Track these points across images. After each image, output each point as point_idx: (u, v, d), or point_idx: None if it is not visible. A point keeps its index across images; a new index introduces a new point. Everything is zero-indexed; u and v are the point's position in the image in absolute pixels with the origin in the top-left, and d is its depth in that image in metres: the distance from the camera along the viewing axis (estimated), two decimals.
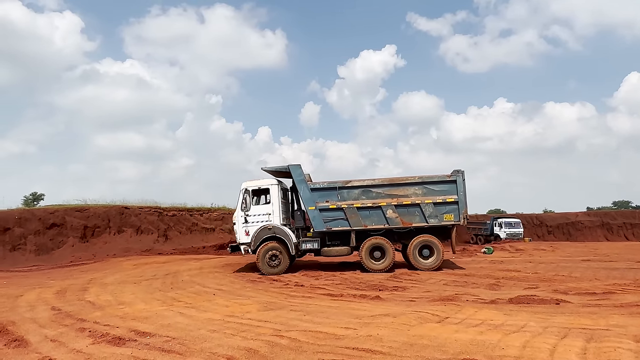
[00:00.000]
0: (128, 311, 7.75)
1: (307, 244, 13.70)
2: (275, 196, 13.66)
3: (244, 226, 13.50)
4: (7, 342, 5.82)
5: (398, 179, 13.60)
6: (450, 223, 13.32)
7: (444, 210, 13.23)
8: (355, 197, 13.38)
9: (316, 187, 13.45)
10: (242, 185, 13.77)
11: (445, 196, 13.21)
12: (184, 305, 8.26)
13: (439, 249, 13.36)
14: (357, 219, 13.30)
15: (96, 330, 6.27)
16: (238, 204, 13.64)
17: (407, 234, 13.60)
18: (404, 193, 13.37)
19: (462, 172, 13.29)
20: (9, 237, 18.66)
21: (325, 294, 9.53)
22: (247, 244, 13.44)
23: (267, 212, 13.60)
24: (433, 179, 13.37)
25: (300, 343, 5.35)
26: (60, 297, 9.33)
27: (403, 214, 13.28)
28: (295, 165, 13.65)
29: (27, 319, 7.21)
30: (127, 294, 9.82)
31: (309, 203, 13.40)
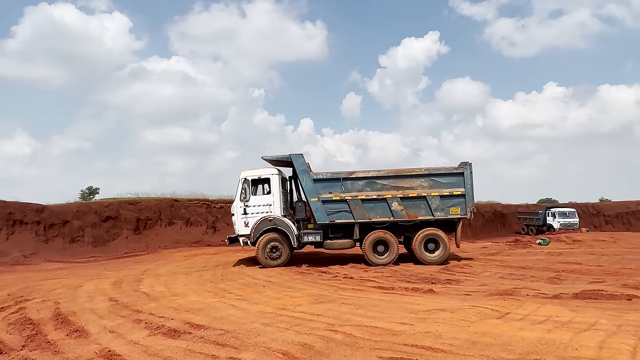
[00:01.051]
0: (181, 303, 7.84)
1: (308, 236, 13.30)
2: (276, 186, 13.24)
3: (243, 217, 13.07)
4: (69, 333, 5.98)
5: (404, 170, 13.23)
6: (457, 217, 12.99)
7: (451, 204, 12.89)
8: (360, 188, 12.99)
9: (319, 178, 13.02)
10: (241, 174, 13.32)
11: (452, 189, 12.89)
12: (235, 297, 8.29)
13: (444, 242, 12.99)
14: (362, 211, 12.92)
15: (152, 322, 6.35)
16: (237, 194, 13.22)
17: (412, 227, 13.24)
18: (410, 185, 13.00)
19: (469, 164, 12.99)
20: (68, 229, 19.55)
21: (376, 287, 9.32)
22: (247, 235, 13.02)
23: (267, 202, 13.16)
24: (440, 171, 13.09)
25: (356, 339, 5.19)
26: (116, 288, 9.61)
27: (409, 206, 12.91)
28: (297, 155, 13.21)
29: (87, 309, 7.43)
30: (180, 285, 9.99)
31: (311, 194, 12.98)
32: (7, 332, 6.10)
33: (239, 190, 13.12)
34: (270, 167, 13.62)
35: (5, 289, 9.72)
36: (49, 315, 6.95)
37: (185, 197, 24.29)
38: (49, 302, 8.02)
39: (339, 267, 12.49)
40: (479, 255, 15.55)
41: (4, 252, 16.70)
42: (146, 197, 23.54)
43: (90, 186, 36.83)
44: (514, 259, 14.35)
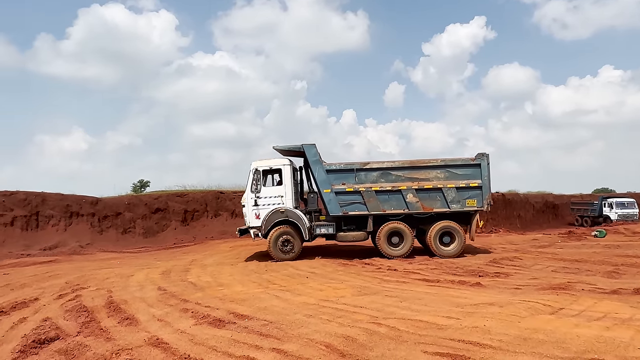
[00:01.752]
0: (227, 293, 7.98)
1: (321, 229, 13.04)
2: (288, 177, 12.94)
3: (254, 209, 12.79)
4: (121, 320, 6.21)
5: (419, 161, 12.87)
6: (473, 209, 12.67)
7: (467, 196, 12.59)
8: (374, 179, 12.67)
9: (332, 169, 12.72)
10: (251, 164, 12.99)
11: (468, 180, 12.57)
12: (278, 288, 8.35)
13: (460, 235, 12.69)
14: (376, 203, 12.62)
15: (198, 312, 6.48)
16: (247, 185, 12.92)
17: (426, 220, 12.94)
18: (426, 176, 12.68)
19: (486, 155, 12.68)
20: (120, 221, 20.40)
21: (420, 279, 9.14)
22: (258, 227, 12.76)
23: (278, 194, 12.89)
24: (456, 162, 12.74)
25: (400, 332, 5.08)
26: (165, 278, 9.90)
27: (424, 198, 12.61)
28: (309, 145, 12.88)
29: (137, 298, 7.69)
30: (225, 275, 10.18)
31: (324, 185, 12.68)
32: (64, 319, 6.39)
33: (250, 181, 12.83)
34: (281, 158, 13.38)
35: (63, 277, 10.24)
36: (102, 303, 7.24)
37: (230, 189, 24.76)
38: (102, 291, 8.37)
39: (382, 259, 12.34)
40: (530, 248, 14.97)
41: (62, 242, 17.64)
42: (193, 190, 24.20)
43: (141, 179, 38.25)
44: (567, 251, 13.70)
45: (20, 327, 6.02)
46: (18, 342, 5.31)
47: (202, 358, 4.47)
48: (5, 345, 5.27)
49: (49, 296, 8.09)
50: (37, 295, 8.18)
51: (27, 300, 7.68)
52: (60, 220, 18.56)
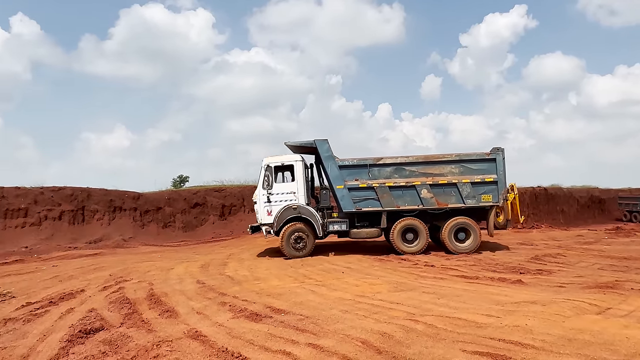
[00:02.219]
0: (263, 287, 8.07)
1: (334, 225, 12.82)
2: (300, 173, 12.76)
3: (266, 205, 12.62)
4: (161, 312, 6.38)
5: (433, 156, 12.65)
6: (488, 204, 12.43)
7: (482, 191, 12.34)
8: (388, 175, 12.45)
9: (345, 165, 12.52)
10: (263, 160, 12.81)
11: (483, 175, 12.33)
12: (314, 283, 8.37)
13: (475, 231, 12.44)
14: (390, 199, 12.38)
15: (235, 305, 6.58)
16: (259, 182, 12.75)
17: (441, 215, 12.66)
18: (440, 172, 12.41)
19: (502, 149, 12.43)
20: (161, 215, 20.97)
21: (458, 276, 8.96)
22: (270, 224, 12.60)
23: (291, 190, 12.71)
24: (471, 156, 12.49)
25: (438, 330, 4.99)
26: (204, 271, 10.11)
27: (438, 194, 12.35)
28: (322, 140, 12.66)
29: (177, 290, 7.88)
30: (262, 269, 10.29)
31: (337, 181, 12.47)
32: (109, 310, 6.63)
33: (262, 177, 12.68)
34: (293, 154, 13.25)
35: (107, 270, 10.62)
36: (144, 296, 7.47)
37: None
38: (144, 283, 8.63)
39: (419, 255, 12.17)
40: (574, 244, 14.41)
41: (106, 236, 18.30)
42: (230, 185, 24.56)
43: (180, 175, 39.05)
44: (614, 248, 13.12)
45: (68, 318, 6.28)
46: (66, 331, 5.54)
47: (239, 352, 4.52)
48: (55, 334, 5.51)
49: (94, 288, 8.41)
50: (83, 286, 8.52)
51: (74, 292, 8.01)
52: (104, 214, 19.25)
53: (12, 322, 6.19)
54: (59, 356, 4.75)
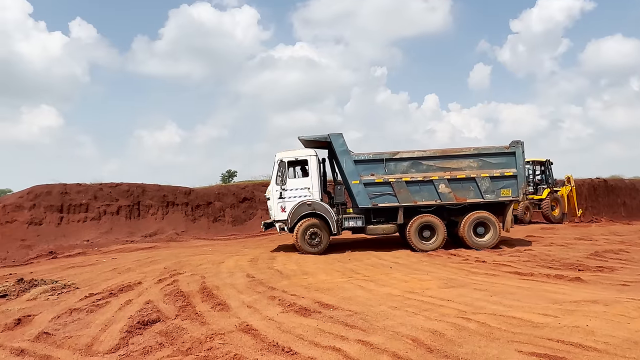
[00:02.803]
0: (311, 281, 8.13)
1: (349, 221, 12.59)
2: (315, 168, 12.53)
3: (279, 202, 12.41)
4: (213, 305, 6.56)
5: (451, 150, 12.33)
6: (507, 199, 12.16)
7: (501, 185, 12.07)
8: (404, 170, 12.15)
9: (360, 159, 12.23)
10: (276, 155, 12.56)
11: (503, 169, 12.05)
12: (362, 278, 8.34)
13: (495, 226, 12.14)
14: (406, 194, 12.06)
15: (285, 300, 6.67)
16: (272, 177, 12.57)
17: (459, 211, 12.42)
18: (458, 166, 12.11)
19: (521, 143, 12.18)
20: (211, 210, 21.58)
21: (512, 272, 8.66)
22: (283, 221, 12.37)
23: (305, 186, 12.46)
24: (490, 150, 12.24)
25: (491, 329, 4.84)
26: (253, 265, 10.31)
27: (457, 188, 12.05)
28: (336, 134, 12.41)
29: (228, 284, 8.08)
30: (310, 264, 10.37)
31: (352, 176, 12.19)
32: (164, 302, 6.89)
33: (275, 173, 12.47)
34: (306, 149, 13.05)
35: (162, 263, 11.04)
36: (196, 289, 7.71)
37: None
38: (196, 276, 8.90)
39: (469, 250, 11.86)
40: (638, 239, 13.58)
41: (160, 230, 19.04)
42: None
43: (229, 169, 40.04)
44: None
45: (127, 309, 6.58)
46: (125, 322, 5.81)
47: (289, 346, 4.58)
48: (115, 325, 5.80)
49: (150, 280, 8.76)
50: (140, 279, 8.90)
51: (132, 284, 8.38)
52: (158, 209, 20.03)
53: (77, 312, 6.56)
54: (120, 346, 4.99)
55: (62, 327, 5.86)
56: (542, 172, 21.68)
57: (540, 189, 20.99)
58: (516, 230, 16.92)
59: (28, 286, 8.52)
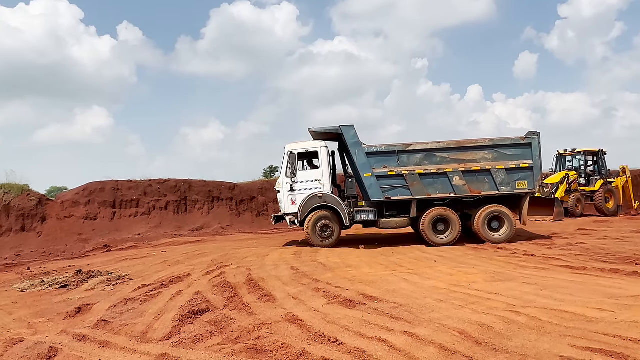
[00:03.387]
0: (355, 274, 8.15)
1: (362, 215, 12.34)
2: (325, 160, 12.34)
3: (290, 194, 12.29)
4: (260, 297, 6.71)
5: (465, 141, 12.06)
6: (523, 191, 11.90)
7: (517, 177, 11.83)
8: (417, 162, 11.90)
9: (373, 151, 11.97)
10: (286, 147, 12.41)
11: (518, 161, 11.80)
12: (406, 271, 8.29)
13: (510, 219, 11.89)
14: (420, 187, 11.81)
15: (329, 291, 6.73)
16: (282, 170, 12.42)
17: (472, 204, 12.15)
18: (473, 158, 11.84)
19: (537, 134, 11.92)
20: (255, 204, 22.00)
21: (563, 266, 8.36)
22: (294, 214, 12.28)
23: (316, 178, 12.29)
24: (505, 141, 11.99)
25: (542, 323, 4.71)
26: (297, 258, 10.44)
27: (471, 181, 11.81)
28: (348, 126, 12.11)
29: (273, 276, 8.23)
30: (353, 257, 10.40)
31: (364, 169, 11.92)
32: (212, 293, 7.11)
33: (284, 165, 12.34)
34: (316, 140, 12.84)
35: (209, 256, 11.37)
36: (243, 280, 7.90)
37: None
38: (242, 269, 9.12)
39: (517, 244, 11.54)
40: None
41: (207, 224, 19.61)
42: None
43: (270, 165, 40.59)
44: None
45: (178, 299, 6.84)
46: (177, 312, 6.04)
47: (335, 337, 4.63)
48: (167, 314, 6.04)
49: (198, 272, 9.05)
50: (189, 271, 9.21)
51: (182, 276, 8.69)
52: (204, 204, 20.62)
53: (131, 301, 6.88)
54: (172, 334, 5.20)
55: (118, 315, 6.17)
56: (594, 163, 20.72)
57: (593, 180, 20.07)
58: (567, 223, 16.31)
59: (86, 277, 9.02)
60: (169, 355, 4.44)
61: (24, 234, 14.95)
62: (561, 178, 19.23)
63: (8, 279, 9.77)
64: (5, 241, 14.29)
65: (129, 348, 4.79)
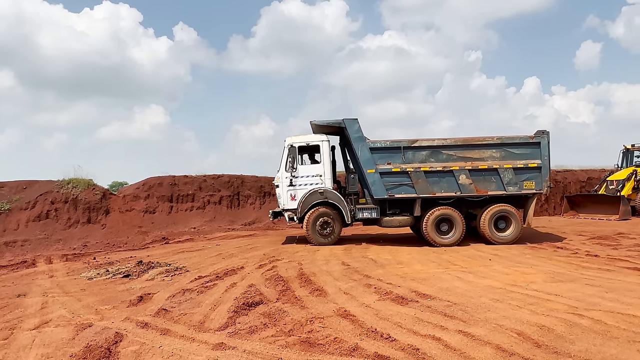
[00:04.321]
0: (407, 271, 8.07)
1: (364, 212, 11.89)
2: (327, 155, 11.90)
3: (289, 189, 11.85)
4: (312, 291, 6.79)
5: (473, 139, 11.61)
6: (531, 192, 11.50)
7: (525, 177, 11.45)
8: (423, 159, 11.47)
9: (377, 147, 11.52)
10: (285, 140, 11.99)
11: (527, 160, 11.42)
12: (460, 269, 8.11)
13: (517, 220, 11.53)
14: (425, 185, 11.39)
15: (380, 288, 6.70)
16: (281, 164, 11.92)
17: (477, 203, 11.82)
18: (480, 156, 11.45)
19: (547, 133, 11.46)
20: None
21: (630, 268, 7.88)
22: (293, 210, 11.84)
23: (316, 173, 11.89)
24: (514, 140, 11.56)
25: (608, 327, 4.48)
26: (347, 254, 10.46)
27: (478, 180, 11.42)
28: (351, 119, 11.65)
29: (324, 271, 8.30)
30: (404, 254, 10.28)
31: (368, 165, 11.48)
32: (265, 286, 7.27)
33: (284, 159, 11.89)
34: (317, 134, 12.41)
35: (261, 250, 11.61)
36: (294, 274, 8.01)
37: None
38: (294, 263, 9.25)
39: (578, 243, 10.99)
40: None
41: (258, 218, 19.99)
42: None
43: None
44: None
45: (232, 291, 7.04)
46: (232, 303, 6.22)
47: (388, 333, 4.61)
48: (223, 305, 6.23)
49: (251, 265, 9.27)
50: (242, 264, 9.44)
51: (236, 268, 8.93)
52: (256, 199, 21.03)
53: (189, 292, 7.14)
54: (228, 325, 5.36)
55: (177, 305, 6.43)
56: None
57: None
58: (635, 222, 15.42)
59: (146, 268, 9.45)
60: (225, 344, 4.59)
61: (90, 225, 15.85)
62: (628, 174, 18.14)
63: (76, 267, 10.41)
64: (74, 232, 15.22)
65: (188, 336, 4.98)
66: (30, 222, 14.77)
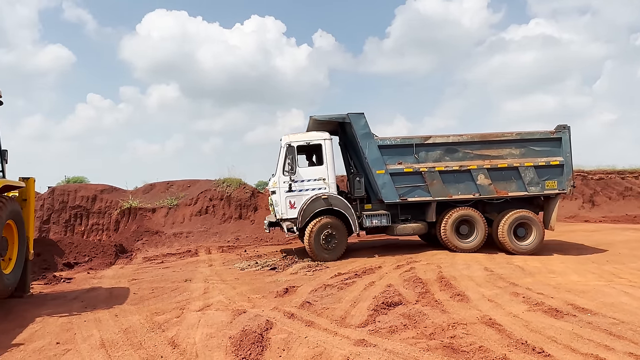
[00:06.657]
0: (560, 281, 7.34)
1: (373, 219, 10.49)
2: (330, 155, 10.47)
3: (288, 196, 10.27)
4: (452, 295, 6.56)
5: (490, 135, 10.65)
6: (553, 192, 10.54)
7: (546, 176, 10.49)
8: (437, 158, 10.45)
9: (386, 144, 10.38)
10: (282, 139, 10.50)
11: (548, 158, 10.51)
12: (627, 283, 7.11)
13: (538, 226, 10.42)
14: (440, 187, 10.35)
15: (530, 297, 6.21)
16: (278, 166, 10.39)
17: (495, 207, 10.81)
18: (498, 153, 10.52)
19: (568, 127, 10.57)
20: None
21: None
22: (292, 219, 10.24)
23: (319, 176, 10.41)
24: (534, 135, 10.64)
25: None
26: (490, 259, 9.86)
27: (497, 180, 10.44)
28: (357, 114, 10.33)
29: (465, 276, 7.95)
30: (557, 262, 9.36)
31: (377, 165, 10.28)
32: (404, 287, 7.23)
33: (281, 160, 10.34)
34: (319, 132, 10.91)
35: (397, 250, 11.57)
36: (433, 277, 7.83)
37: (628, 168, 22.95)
38: (432, 265, 9.04)
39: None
40: None
41: None
42: None
43: None
44: None
45: (371, 289, 7.15)
46: (371, 301, 6.32)
47: (541, 347, 4.26)
48: (362, 302, 6.37)
49: (389, 265, 9.30)
50: (380, 264, 9.53)
51: (373, 267, 9.06)
52: None
53: (330, 287, 7.44)
54: (368, 322, 5.46)
55: (319, 299, 6.74)
56: None
57: None
58: None
59: (290, 262, 10.10)
60: (367, 341, 4.68)
61: (241, 221, 17.36)
62: None
63: (230, 258, 11.55)
64: (228, 227, 16.84)
65: (331, 330, 5.20)
66: (193, 216, 16.74)
